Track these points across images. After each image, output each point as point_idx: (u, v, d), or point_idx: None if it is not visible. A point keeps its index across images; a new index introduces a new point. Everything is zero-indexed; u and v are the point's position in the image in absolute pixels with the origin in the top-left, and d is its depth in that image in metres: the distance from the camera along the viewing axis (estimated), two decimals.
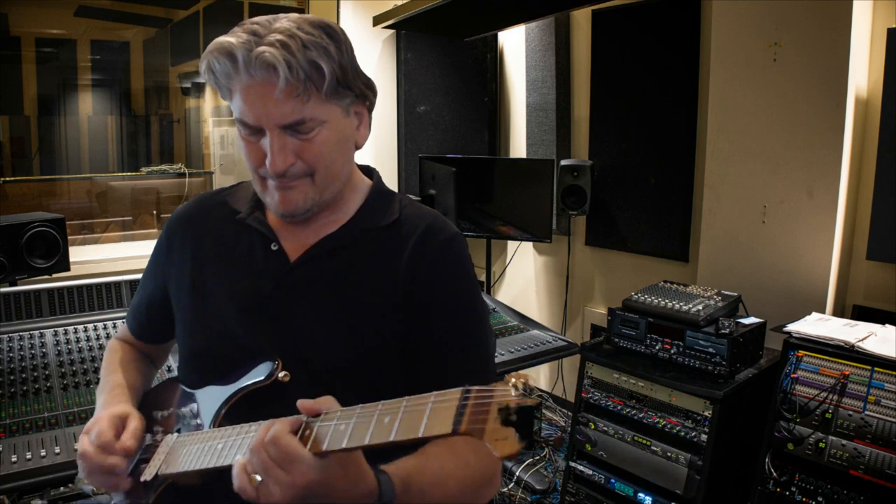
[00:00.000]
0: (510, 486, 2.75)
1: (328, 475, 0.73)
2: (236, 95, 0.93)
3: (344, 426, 0.71)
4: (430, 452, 0.88)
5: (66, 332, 1.88)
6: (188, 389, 1.08)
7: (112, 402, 1.07)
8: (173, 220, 1.17)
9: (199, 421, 1.02)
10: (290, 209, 0.99)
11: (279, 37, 0.88)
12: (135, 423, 1.01)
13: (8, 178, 4.53)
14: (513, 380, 0.62)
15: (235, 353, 1.01)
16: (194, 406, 1.05)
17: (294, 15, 0.94)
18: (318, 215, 1.04)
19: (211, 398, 1.01)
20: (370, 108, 1.04)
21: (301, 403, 0.77)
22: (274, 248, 1.05)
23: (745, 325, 2.04)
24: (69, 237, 2.47)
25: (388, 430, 0.67)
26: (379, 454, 0.78)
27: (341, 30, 0.97)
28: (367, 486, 0.77)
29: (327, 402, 0.78)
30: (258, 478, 0.74)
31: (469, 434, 0.61)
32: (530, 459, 2.90)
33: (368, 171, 1.16)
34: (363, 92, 1.00)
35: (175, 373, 1.14)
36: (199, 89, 5.45)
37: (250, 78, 0.90)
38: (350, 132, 1.01)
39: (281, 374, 0.96)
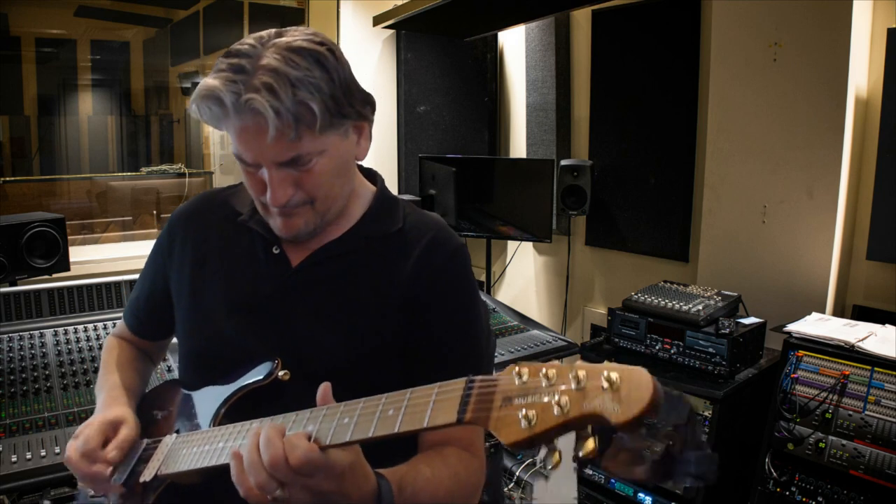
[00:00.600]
0: (510, 486, 2.75)
1: (341, 473, 0.74)
2: (230, 134, 0.93)
3: (347, 420, 0.72)
4: (422, 459, 0.92)
5: (66, 332, 1.88)
6: (187, 390, 1.08)
7: (110, 402, 1.07)
8: (175, 219, 1.17)
9: (198, 421, 1.02)
10: (293, 233, 1.00)
11: (265, 79, 0.85)
12: (125, 431, 1.01)
13: (8, 178, 4.53)
14: (516, 368, 0.61)
15: (234, 353, 1.01)
16: (193, 406, 1.05)
17: (284, 38, 0.90)
18: None
19: (210, 398, 1.01)
20: (370, 121, 1.02)
21: (324, 388, 0.79)
22: (275, 251, 1.05)
23: (745, 325, 2.04)
24: (69, 237, 2.47)
25: (392, 423, 0.67)
26: (378, 460, 0.80)
27: (332, 50, 0.93)
28: (370, 486, 0.79)
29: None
30: (279, 492, 0.73)
31: (474, 423, 0.61)
32: (530, 459, 2.90)
33: (372, 175, 1.15)
34: (361, 112, 0.97)
35: (175, 373, 1.14)
36: None
37: (241, 122, 0.88)
38: (349, 152, 1.00)
39: (281, 374, 0.96)
